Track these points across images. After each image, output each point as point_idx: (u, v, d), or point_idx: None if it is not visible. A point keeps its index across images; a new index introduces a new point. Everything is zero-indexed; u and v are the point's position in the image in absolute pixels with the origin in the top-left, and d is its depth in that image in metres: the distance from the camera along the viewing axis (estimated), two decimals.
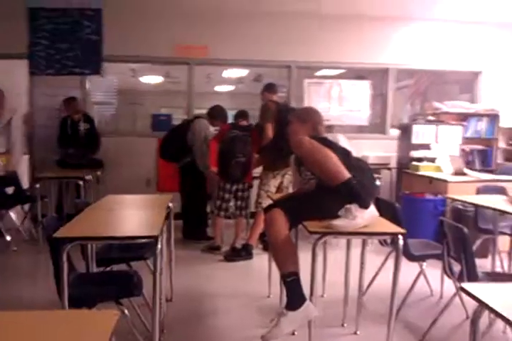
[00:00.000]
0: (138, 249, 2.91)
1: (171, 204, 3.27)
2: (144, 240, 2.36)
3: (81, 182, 4.98)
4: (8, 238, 4.90)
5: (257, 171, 4.89)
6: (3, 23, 5.88)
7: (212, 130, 5.22)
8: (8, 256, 4.66)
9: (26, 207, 5.47)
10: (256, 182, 4.91)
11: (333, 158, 2.58)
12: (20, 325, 1.37)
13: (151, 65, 7.49)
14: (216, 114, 5.18)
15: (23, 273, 4.26)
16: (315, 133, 2.95)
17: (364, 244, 3.25)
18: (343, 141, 3.07)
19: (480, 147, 6.22)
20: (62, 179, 5.41)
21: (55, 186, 5.57)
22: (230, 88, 10.39)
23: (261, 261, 4.27)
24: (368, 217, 2.59)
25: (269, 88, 4.91)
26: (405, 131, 6.10)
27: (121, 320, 1.40)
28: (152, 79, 9.09)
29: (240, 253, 4.62)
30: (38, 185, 5.00)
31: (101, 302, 2.38)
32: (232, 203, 4.81)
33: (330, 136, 2.94)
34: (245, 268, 4.42)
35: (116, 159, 6.03)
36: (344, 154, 2.72)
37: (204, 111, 5.39)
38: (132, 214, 2.99)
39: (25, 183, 5.50)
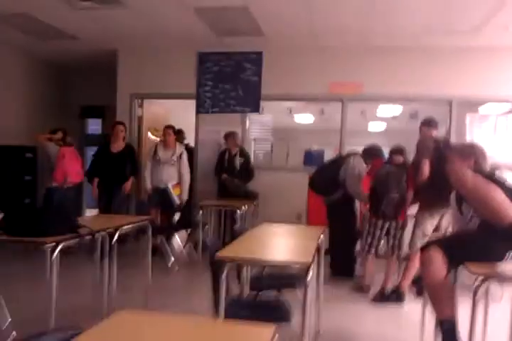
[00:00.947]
0: (289, 277, 2.98)
1: (322, 236, 3.30)
2: (296, 266, 2.42)
3: (238, 212, 5.31)
4: (173, 259, 5.35)
5: (413, 210, 4.69)
6: (177, 66, 6.70)
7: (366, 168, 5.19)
8: (171, 276, 5.07)
9: (188, 232, 6.00)
10: (411, 222, 4.69)
11: (501, 195, 2.40)
12: (181, 328, 1.49)
13: (305, 103, 7.76)
14: (372, 152, 5.14)
15: (181, 291, 4.57)
16: (478, 170, 2.78)
17: None
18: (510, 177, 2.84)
19: None
20: (221, 207, 5.84)
21: (215, 214, 6.01)
22: (384, 125, 10.23)
23: (412, 306, 4.01)
24: None
25: (428, 123, 4.73)
26: None
27: None
28: (306, 117, 9.38)
29: (390, 297, 4.40)
30: (200, 212, 5.48)
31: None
32: (383, 241, 4.66)
33: (497, 173, 2.75)
34: (395, 313, 4.17)
35: (269, 192, 6.32)
36: None
37: (356, 148, 5.40)
38: (286, 242, 3.09)
39: (188, 211, 6.06)
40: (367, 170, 5.06)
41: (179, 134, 6.69)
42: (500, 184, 2.51)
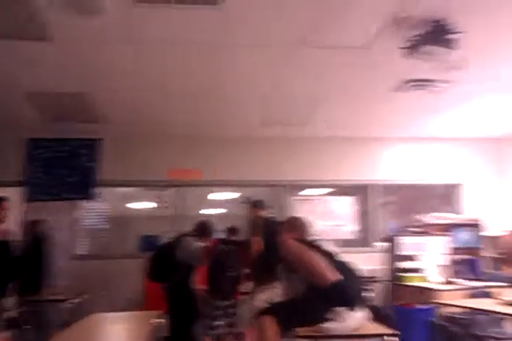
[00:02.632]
0: None
1: (158, 320, 3.22)
2: None
3: (67, 305, 4.85)
4: None
5: (247, 287, 4.84)
6: (4, 152, 6.31)
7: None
8: None
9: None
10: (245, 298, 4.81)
11: (320, 260, 2.68)
12: None
13: (142, 191, 7.76)
14: (203, 227, 5.19)
15: None
16: (302, 240, 3.07)
17: None
18: (329, 245, 3.18)
19: (466, 257, 6.28)
20: (45, 302, 5.22)
21: (38, 311, 5.33)
22: (220, 211, 10.61)
23: None
24: (358, 319, 2.60)
25: (257, 204, 5.04)
26: (391, 243, 6.20)
27: None
28: (143, 204, 9.33)
29: None
30: (23, 309, 4.81)
31: None
32: (221, 321, 4.67)
33: (317, 241, 3.06)
34: None
35: (104, 281, 6.00)
36: (331, 256, 2.82)
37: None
38: (118, 330, 2.95)
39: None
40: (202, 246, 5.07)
41: None
42: (321, 249, 2.80)
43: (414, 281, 5.37)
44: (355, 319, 2.58)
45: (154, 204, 8.96)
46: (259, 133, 6.68)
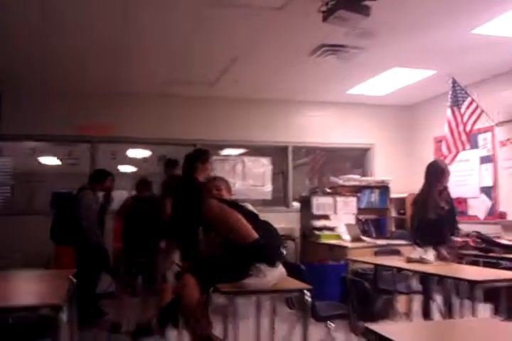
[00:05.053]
0: (37, 326, 2.69)
1: (74, 279, 3.11)
2: (45, 311, 2.22)
3: None
4: None
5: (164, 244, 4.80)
6: None
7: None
8: None
9: None
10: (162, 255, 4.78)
11: (242, 219, 2.70)
12: None
13: (51, 145, 7.35)
14: (97, 176, 4.93)
15: None
16: (223, 199, 3.08)
17: (274, 309, 3.30)
18: (249, 206, 3.21)
19: (374, 216, 6.69)
20: None
21: None
22: (134, 168, 10.35)
23: (169, 337, 4.08)
24: (277, 275, 2.68)
25: (171, 163, 4.94)
26: (306, 203, 6.42)
27: None
28: (53, 160, 8.86)
29: (146, 331, 4.36)
30: None
31: None
32: (138, 279, 4.64)
33: (237, 201, 3.08)
34: None
35: (12, 239, 5.69)
36: (252, 216, 2.85)
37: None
38: (32, 287, 2.82)
39: None
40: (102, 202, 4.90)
41: None
42: (241, 209, 2.82)
43: (327, 239, 5.64)
44: (274, 275, 2.65)
45: (66, 161, 8.55)
46: (170, 91, 6.50)
